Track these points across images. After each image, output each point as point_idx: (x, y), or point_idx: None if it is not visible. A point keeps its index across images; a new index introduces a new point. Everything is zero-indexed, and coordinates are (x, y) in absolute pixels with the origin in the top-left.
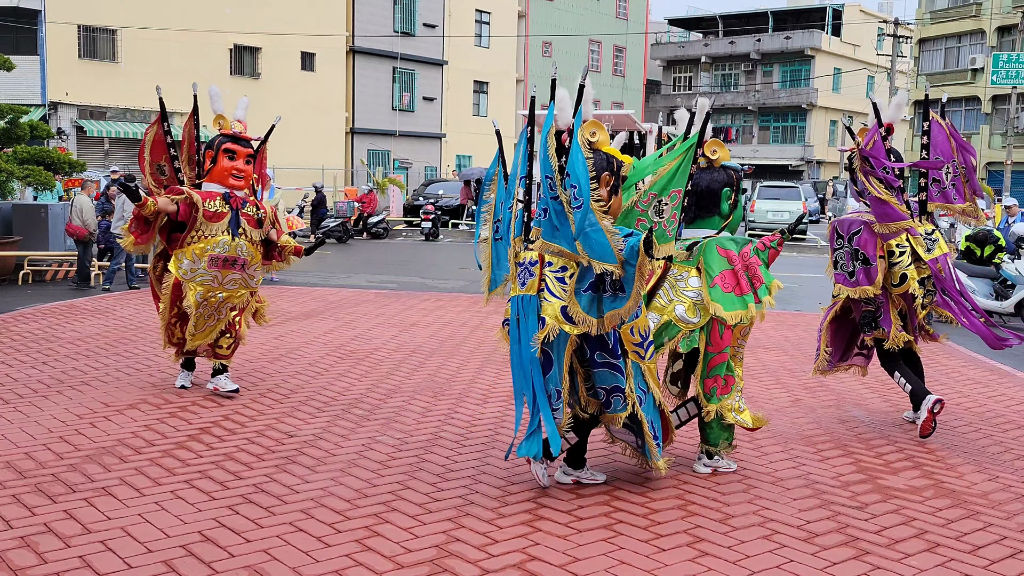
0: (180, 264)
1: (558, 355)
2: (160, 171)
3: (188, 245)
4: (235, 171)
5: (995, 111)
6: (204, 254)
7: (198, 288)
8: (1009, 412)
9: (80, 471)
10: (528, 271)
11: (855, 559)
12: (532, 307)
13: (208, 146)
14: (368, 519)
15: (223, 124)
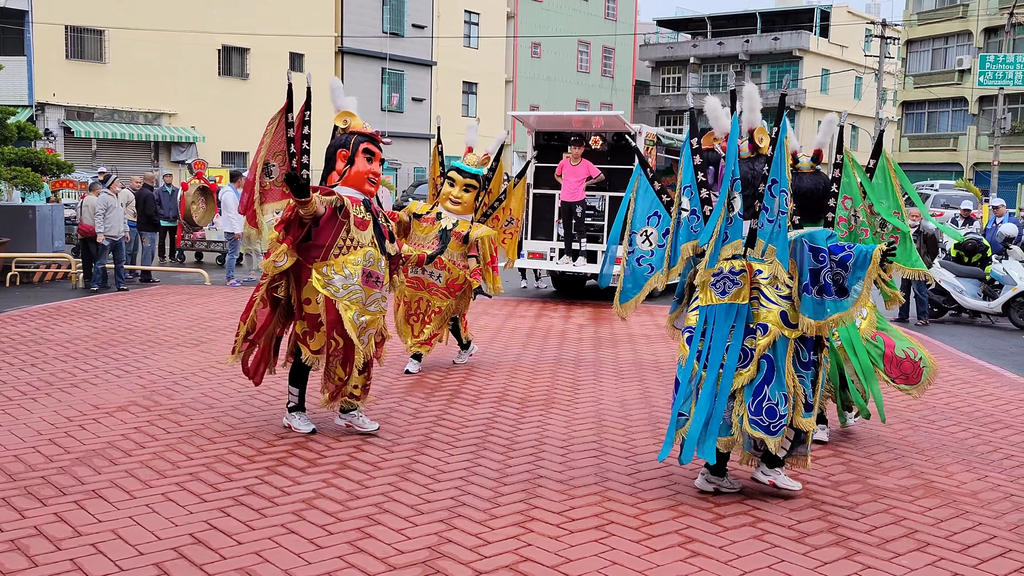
0: (330, 280)
1: (780, 360)
2: (267, 171)
3: (335, 257)
4: (371, 175)
5: (982, 112)
6: (357, 267)
7: (352, 308)
8: (998, 412)
9: (70, 474)
10: (731, 280)
11: (846, 559)
12: (743, 315)
13: (342, 145)
14: (360, 520)
15: (352, 122)
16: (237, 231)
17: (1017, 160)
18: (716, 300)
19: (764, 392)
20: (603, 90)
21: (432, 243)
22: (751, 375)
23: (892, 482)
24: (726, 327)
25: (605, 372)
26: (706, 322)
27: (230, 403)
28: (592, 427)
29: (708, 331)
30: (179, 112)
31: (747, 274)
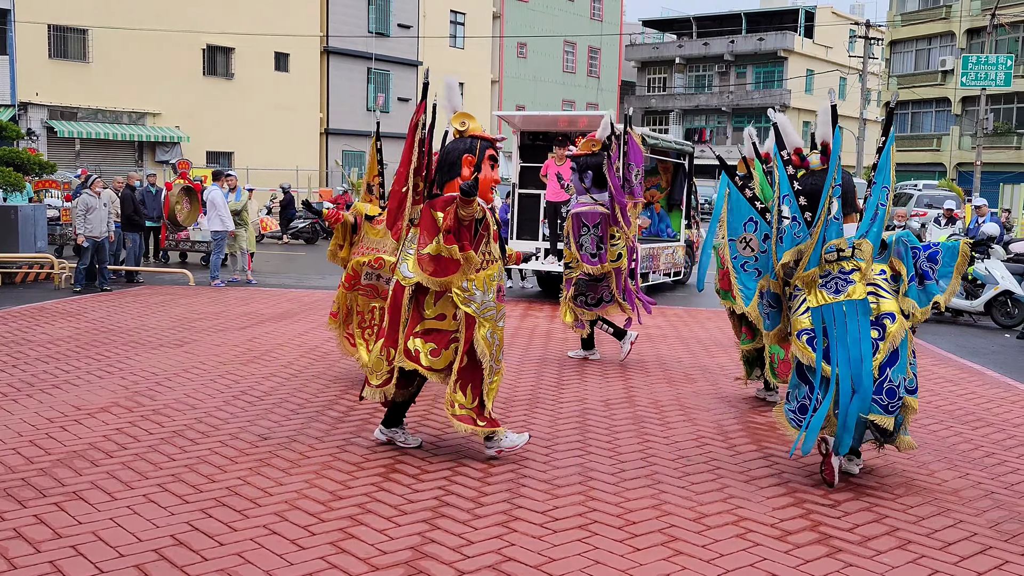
0: (471, 296)
1: (903, 347)
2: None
3: (476, 272)
4: (495, 183)
5: (964, 112)
6: (492, 283)
7: (486, 325)
8: (979, 410)
9: (51, 475)
10: (843, 280)
11: (828, 556)
12: (864, 309)
13: (467, 150)
14: (343, 521)
15: (471, 125)
16: (230, 228)
17: (999, 160)
18: (830, 299)
19: (887, 374)
20: (589, 90)
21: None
22: (879, 361)
23: (874, 480)
24: (853, 323)
25: (590, 372)
26: (823, 321)
27: (213, 404)
28: (576, 427)
29: (829, 330)
30: (163, 112)
31: (860, 272)
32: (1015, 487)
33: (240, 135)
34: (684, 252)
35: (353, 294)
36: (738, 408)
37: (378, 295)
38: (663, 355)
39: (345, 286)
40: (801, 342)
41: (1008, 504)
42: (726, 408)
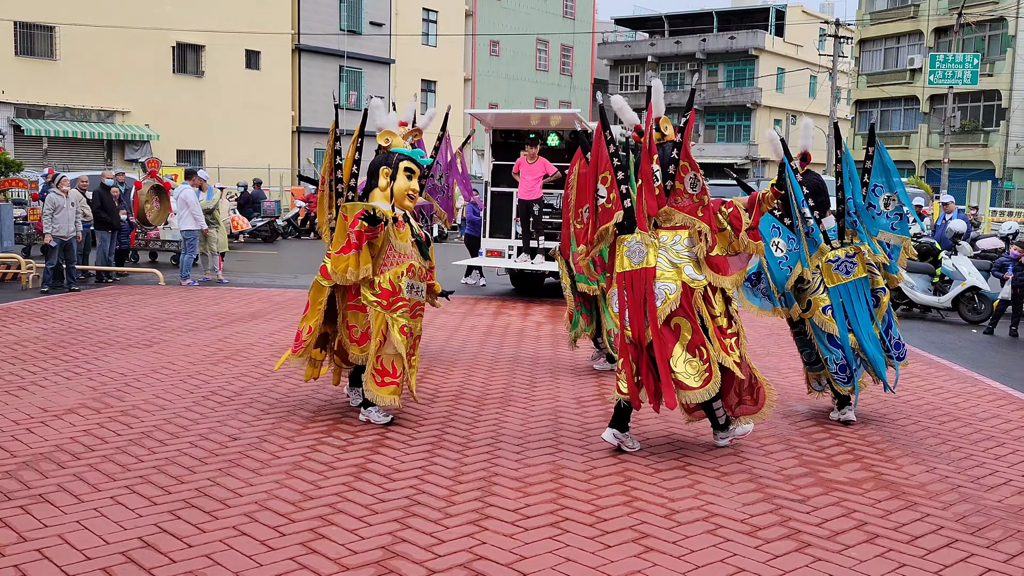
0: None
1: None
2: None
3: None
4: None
5: (932, 110)
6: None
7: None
8: (946, 404)
9: (16, 478)
10: (849, 263)
11: (797, 551)
12: (867, 285)
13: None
14: (313, 521)
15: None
16: (204, 227)
17: (966, 158)
18: (843, 279)
19: (892, 332)
20: (562, 88)
21: None
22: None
23: (843, 475)
24: (862, 297)
25: (562, 370)
26: (840, 296)
27: (182, 404)
28: (548, 424)
29: (846, 304)
30: (133, 110)
31: (860, 255)
32: (981, 481)
33: (211, 133)
34: None
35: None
36: None
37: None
38: None
39: (383, 304)
40: (828, 315)
41: (974, 498)
42: None
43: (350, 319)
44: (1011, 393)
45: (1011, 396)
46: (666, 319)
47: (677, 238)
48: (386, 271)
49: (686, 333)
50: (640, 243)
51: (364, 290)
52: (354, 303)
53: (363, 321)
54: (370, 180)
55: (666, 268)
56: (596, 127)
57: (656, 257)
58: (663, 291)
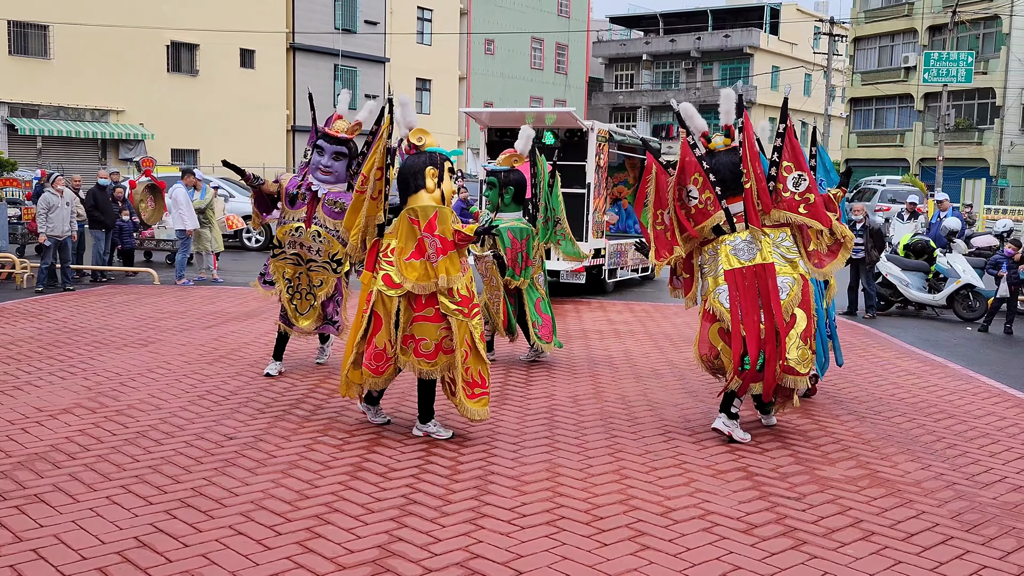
0: None
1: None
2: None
3: None
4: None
5: (927, 108)
6: None
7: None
8: (941, 402)
9: (11, 478)
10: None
11: (793, 549)
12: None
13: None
14: (309, 521)
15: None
16: (189, 228)
17: (961, 156)
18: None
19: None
20: (557, 87)
21: None
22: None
23: (839, 473)
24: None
25: (558, 368)
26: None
27: (178, 404)
28: (544, 422)
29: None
30: (127, 109)
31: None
32: (976, 478)
33: (205, 132)
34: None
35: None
36: (705, 403)
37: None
38: (631, 351)
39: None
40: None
41: (969, 495)
42: (693, 403)
43: (416, 331)
44: (1006, 391)
45: (1006, 393)
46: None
47: (783, 235)
48: (463, 277)
49: (801, 322)
50: (749, 241)
51: (443, 299)
52: (422, 313)
53: (435, 333)
54: (412, 182)
55: (782, 264)
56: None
57: (771, 254)
58: (785, 285)
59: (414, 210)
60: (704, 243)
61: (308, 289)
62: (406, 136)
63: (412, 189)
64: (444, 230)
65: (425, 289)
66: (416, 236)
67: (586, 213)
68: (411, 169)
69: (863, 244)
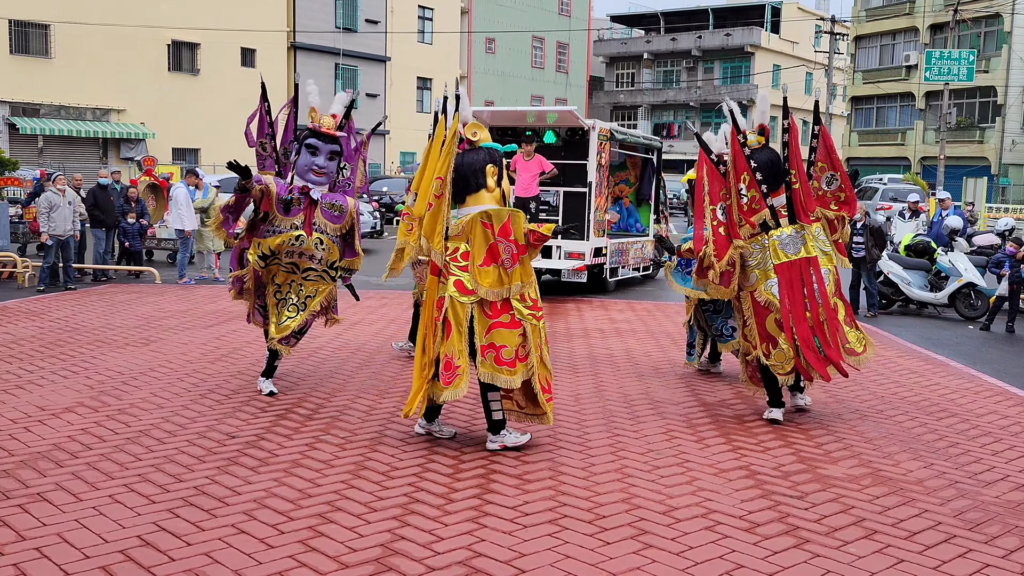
0: None
1: None
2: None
3: None
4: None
5: (928, 107)
6: None
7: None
8: (943, 401)
9: (15, 477)
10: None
11: (795, 548)
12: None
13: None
14: (312, 519)
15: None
16: (188, 228)
17: (962, 154)
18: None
19: None
20: (558, 86)
21: None
22: None
23: (841, 471)
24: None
25: (560, 366)
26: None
27: (180, 403)
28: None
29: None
30: (128, 108)
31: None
32: (978, 477)
33: (206, 131)
34: (653, 247)
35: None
36: (707, 402)
37: None
38: (632, 349)
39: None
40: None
41: (972, 493)
42: (695, 402)
43: (496, 339)
44: (1008, 389)
45: (1008, 392)
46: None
47: (818, 229)
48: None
49: (841, 310)
50: (796, 235)
51: (517, 304)
52: (499, 320)
53: (515, 339)
54: (473, 180)
55: (821, 256)
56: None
57: (814, 247)
58: (827, 276)
59: (487, 214)
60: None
61: (296, 299)
62: (459, 131)
63: (472, 188)
64: (517, 234)
65: (499, 296)
66: (489, 241)
67: (587, 212)
68: (471, 167)
69: (863, 243)
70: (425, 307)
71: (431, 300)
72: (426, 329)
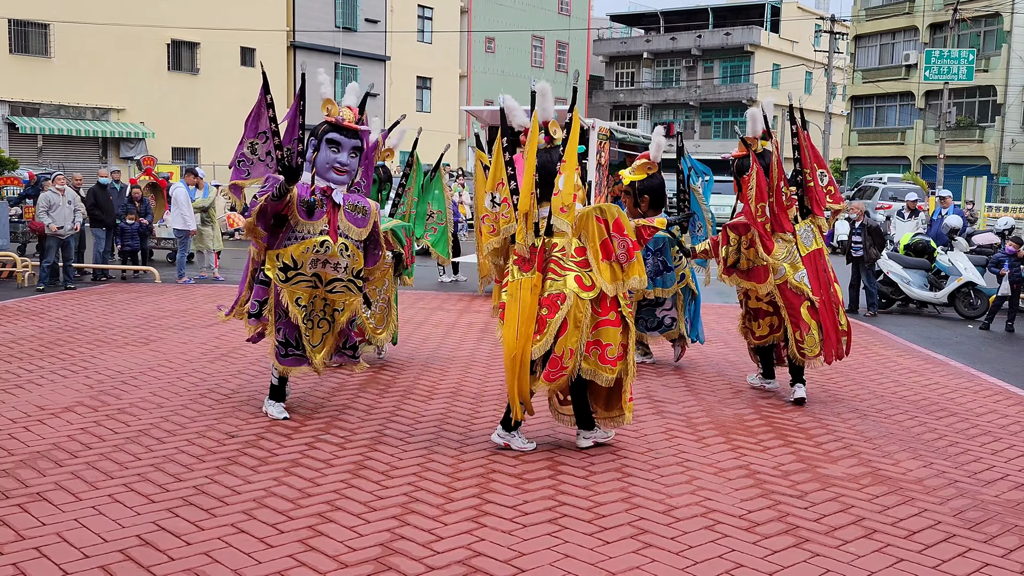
0: None
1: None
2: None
3: None
4: None
5: (928, 106)
6: None
7: None
8: (943, 400)
9: (14, 476)
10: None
11: (795, 547)
12: None
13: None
14: (311, 519)
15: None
16: (191, 228)
17: (962, 153)
18: None
19: None
20: (557, 85)
21: None
22: None
23: (841, 471)
24: None
25: None
26: None
27: (179, 402)
28: (546, 421)
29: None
30: (128, 107)
31: None
32: (978, 475)
33: (206, 131)
34: None
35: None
36: (706, 401)
37: None
38: None
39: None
40: None
41: (971, 492)
42: (695, 401)
43: (603, 336)
44: (1007, 388)
45: (1007, 391)
46: None
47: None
48: None
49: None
50: (807, 230)
51: (623, 302)
52: (607, 318)
53: (619, 337)
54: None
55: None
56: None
57: (820, 239)
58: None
59: (601, 209)
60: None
61: (323, 316)
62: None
63: (551, 187)
64: (629, 229)
65: (614, 291)
66: (603, 236)
67: None
68: (555, 165)
69: (861, 242)
70: (519, 304)
71: (531, 297)
72: (522, 326)
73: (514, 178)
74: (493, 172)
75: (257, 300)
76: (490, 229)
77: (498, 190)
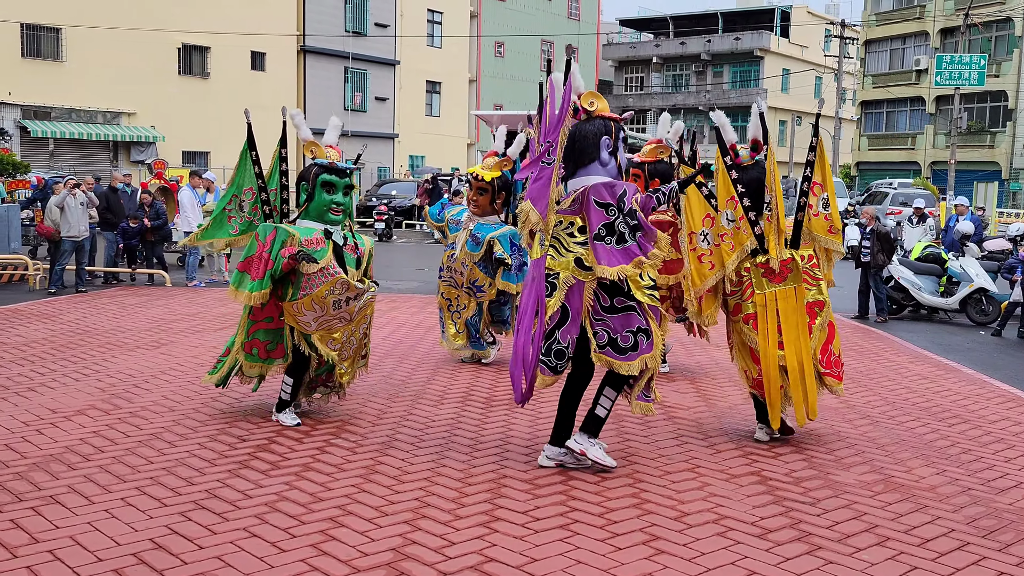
0: None
1: None
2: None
3: None
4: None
5: (939, 111)
6: None
7: None
8: (955, 407)
9: (27, 479)
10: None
11: (808, 554)
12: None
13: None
14: (324, 523)
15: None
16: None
17: (972, 159)
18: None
19: None
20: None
21: None
22: None
23: (853, 477)
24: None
25: None
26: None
27: (191, 406)
28: None
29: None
30: (138, 111)
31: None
32: (992, 483)
33: (216, 134)
34: None
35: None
36: (717, 407)
37: None
38: None
39: None
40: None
41: (985, 500)
42: (706, 407)
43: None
44: (1020, 395)
45: (1020, 398)
46: None
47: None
48: None
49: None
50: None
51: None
52: None
53: None
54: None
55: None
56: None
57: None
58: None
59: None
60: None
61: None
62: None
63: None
64: None
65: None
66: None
67: None
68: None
69: (870, 248)
70: (779, 316)
71: (797, 306)
72: (799, 338)
73: (745, 195)
74: (721, 190)
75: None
76: (728, 247)
77: (729, 207)
